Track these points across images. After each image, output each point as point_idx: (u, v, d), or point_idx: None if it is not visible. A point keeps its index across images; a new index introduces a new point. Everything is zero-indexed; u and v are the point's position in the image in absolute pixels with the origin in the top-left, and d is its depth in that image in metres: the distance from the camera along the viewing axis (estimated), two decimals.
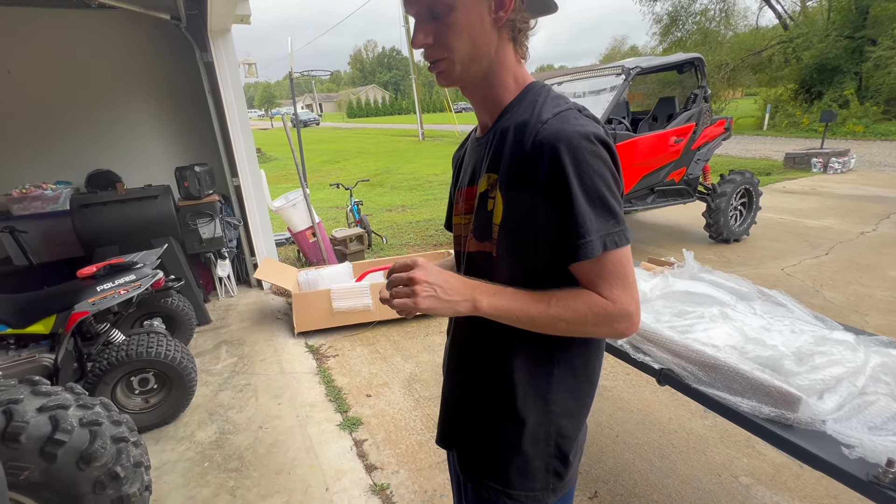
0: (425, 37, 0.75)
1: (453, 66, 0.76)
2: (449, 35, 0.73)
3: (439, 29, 0.73)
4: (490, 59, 0.76)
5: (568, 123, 0.69)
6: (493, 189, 0.77)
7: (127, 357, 2.36)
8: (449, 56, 0.75)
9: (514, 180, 0.73)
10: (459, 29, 0.72)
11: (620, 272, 0.69)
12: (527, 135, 0.71)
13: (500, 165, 0.76)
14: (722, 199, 4.73)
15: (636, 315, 0.71)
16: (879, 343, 1.33)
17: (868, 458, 0.99)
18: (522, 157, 0.71)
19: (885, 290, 3.65)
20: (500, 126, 0.79)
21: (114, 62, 4.28)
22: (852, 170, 8.56)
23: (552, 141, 0.67)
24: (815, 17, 16.47)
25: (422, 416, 2.48)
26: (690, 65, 4.81)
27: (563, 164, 0.66)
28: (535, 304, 0.71)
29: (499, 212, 0.75)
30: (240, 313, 3.99)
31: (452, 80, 0.78)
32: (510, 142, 0.74)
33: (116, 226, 3.50)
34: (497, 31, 0.74)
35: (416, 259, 0.71)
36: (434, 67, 0.78)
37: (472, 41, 0.73)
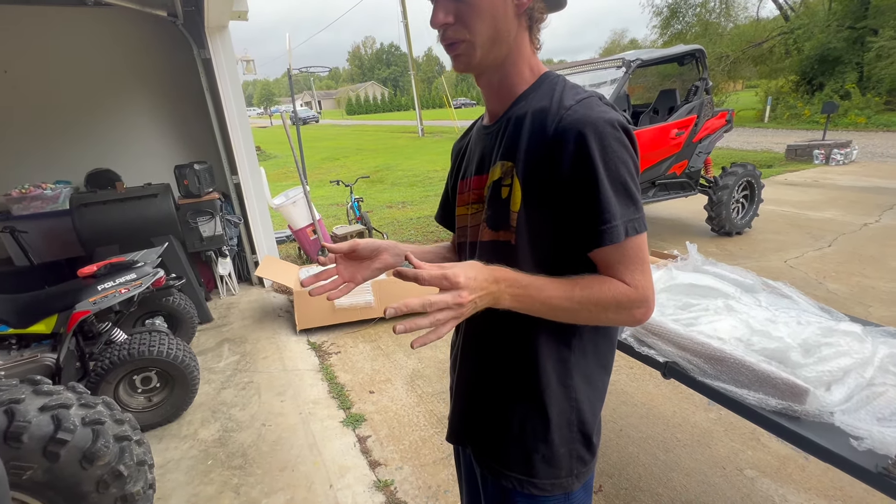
0: (446, 15, 0.72)
1: (474, 51, 0.74)
2: (472, 16, 0.71)
3: (462, 8, 0.71)
4: (509, 46, 0.75)
5: (592, 110, 0.68)
6: (507, 177, 0.75)
7: (129, 356, 2.35)
8: (470, 38, 0.72)
9: (534, 166, 0.72)
10: (483, 10, 0.70)
11: (640, 258, 0.69)
12: (549, 121, 0.70)
13: (516, 152, 0.74)
14: (724, 192, 4.71)
15: (652, 301, 0.71)
16: (887, 334, 1.31)
17: (877, 449, 0.98)
18: (544, 142, 0.70)
19: (888, 281, 3.64)
20: (515, 113, 0.77)
21: (111, 60, 4.26)
22: (854, 161, 8.51)
23: (578, 126, 0.67)
24: (817, 8, 16.33)
25: (425, 411, 2.48)
26: (691, 56, 4.78)
27: (590, 150, 0.66)
28: (559, 293, 0.69)
29: (517, 199, 0.73)
30: (241, 311, 3.98)
31: (471, 66, 0.76)
32: (528, 128, 0.73)
33: (116, 225, 3.49)
34: (517, 17, 0.73)
35: (458, 273, 0.61)
36: (452, 50, 0.75)
37: (494, 25, 0.72)
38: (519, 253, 0.75)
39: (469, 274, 0.63)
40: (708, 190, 4.89)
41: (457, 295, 0.61)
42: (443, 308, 0.60)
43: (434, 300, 0.60)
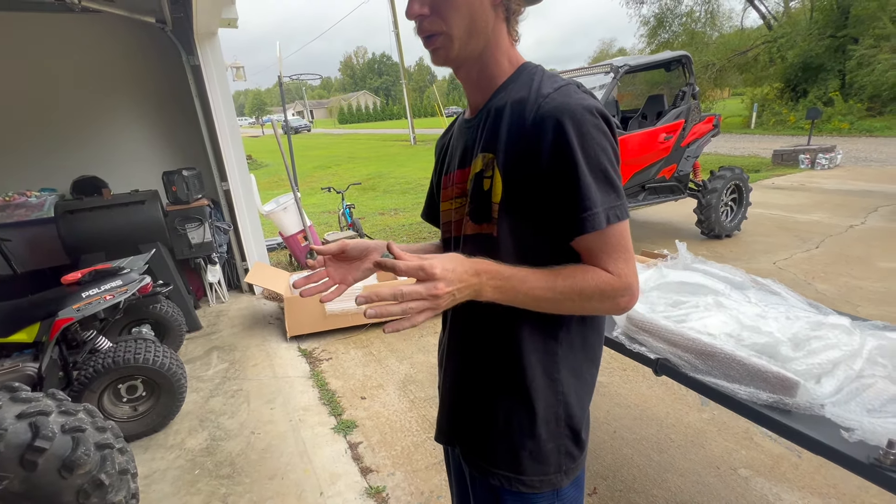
0: (421, 6, 0.72)
1: (451, 43, 0.73)
2: (448, 7, 0.70)
3: (437, 1, 0.71)
4: (486, 38, 0.74)
5: (570, 97, 0.68)
6: (488, 168, 0.74)
7: (114, 364, 2.30)
8: (447, 31, 0.72)
9: (514, 156, 0.71)
10: (459, 2, 0.70)
11: (623, 245, 0.69)
12: (527, 110, 0.70)
13: (496, 143, 0.73)
14: (713, 196, 4.76)
15: (636, 288, 0.70)
16: (874, 327, 1.32)
17: (868, 440, 0.97)
18: (523, 131, 0.69)
19: (874, 281, 3.68)
20: (494, 104, 0.77)
21: (98, 66, 4.22)
22: (839, 165, 8.68)
23: (556, 114, 0.66)
24: (798, 17, 16.76)
25: (417, 417, 2.44)
26: (678, 62, 4.85)
27: (568, 137, 0.65)
28: (541, 285, 0.68)
29: (498, 190, 0.73)
30: (231, 319, 3.93)
31: (449, 59, 0.76)
32: (507, 118, 0.73)
33: (103, 232, 3.44)
34: (494, 9, 0.73)
35: (434, 265, 0.60)
36: (430, 43, 0.74)
37: (470, 17, 0.71)
38: (501, 244, 0.74)
39: (447, 266, 0.62)
40: (697, 193, 4.95)
41: (432, 286, 0.60)
42: (416, 298, 0.59)
43: (406, 290, 0.59)
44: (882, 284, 3.60)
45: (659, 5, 18.68)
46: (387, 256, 0.64)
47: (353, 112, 67.01)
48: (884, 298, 3.38)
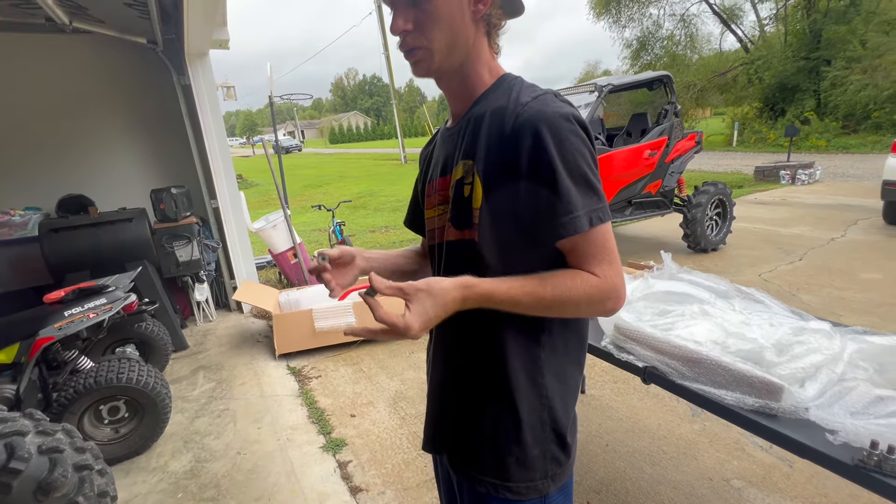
0: (405, 22, 0.74)
1: (432, 56, 0.75)
2: (429, 23, 0.73)
3: (419, 16, 0.73)
4: (467, 51, 0.77)
5: (547, 106, 0.70)
6: (468, 175, 0.76)
7: (95, 384, 2.24)
8: (428, 45, 0.74)
9: (494, 163, 0.73)
10: (440, 18, 0.72)
11: (607, 247, 0.70)
12: (506, 118, 0.72)
13: (476, 151, 0.75)
14: (697, 210, 4.85)
15: (622, 290, 0.71)
16: (854, 331, 1.35)
17: (852, 442, 0.99)
18: (502, 139, 0.71)
19: (857, 291, 3.76)
20: (474, 113, 0.79)
21: (87, 85, 4.23)
22: (818, 181, 8.93)
23: (534, 122, 0.68)
24: (773, 41, 17.47)
25: (408, 433, 2.41)
26: (660, 82, 5.01)
27: (546, 144, 0.67)
28: (530, 299, 0.69)
29: (478, 196, 0.74)
30: (218, 337, 3.86)
31: (430, 71, 0.78)
32: (487, 126, 0.75)
33: (88, 250, 3.39)
34: (475, 23, 0.76)
35: (409, 323, 0.65)
36: (411, 56, 0.77)
37: (451, 31, 0.74)
38: (483, 250, 0.75)
39: (423, 316, 0.66)
40: (682, 208, 5.04)
41: (407, 335, 0.65)
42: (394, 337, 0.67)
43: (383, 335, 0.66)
44: (864, 295, 3.68)
45: (641, 29, 19.38)
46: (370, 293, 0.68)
47: (343, 132, 67.57)
48: (866, 308, 3.44)
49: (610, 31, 20.04)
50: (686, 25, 18.72)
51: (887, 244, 4.89)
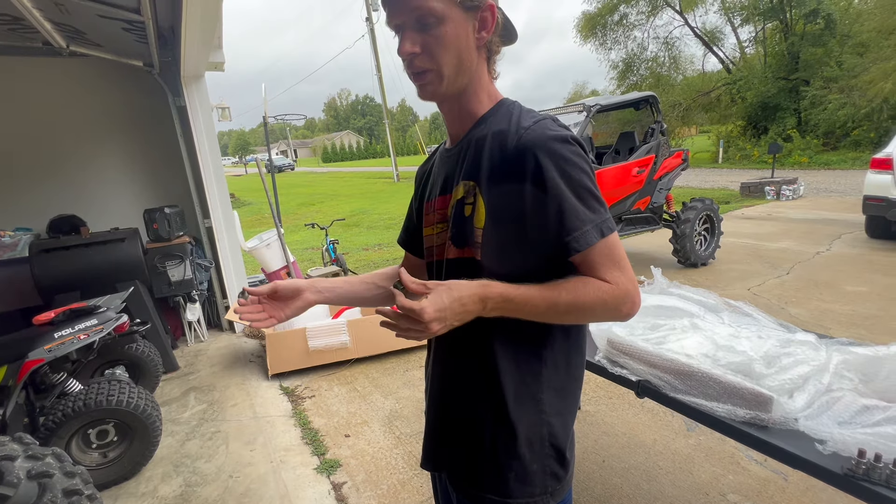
0: (412, 45, 0.75)
1: (440, 80, 0.77)
2: (438, 47, 0.75)
3: (427, 40, 0.75)
4: (470, 75, 0.80)
5: (548, 129, 0.74)
6: (469, 195, 0.79)
7: (84, 407, 2.20)
8: (437, 69, 0.76)
9: (496, 184, 0.75)
10: (448, 43, 0.75)
11: (617, 255, 0.73)
12: (508, 141, 0.75)
13: (478, 172, 0.78)
14: (686, 225, 4.95)
15: (636, 295, 0.73)
16: (838, 343, 1.38)
17: (841, 451, 1.01)
18: (505, 161, 0.75)
19: (843, 304, 3.83)
20: (475, 135, 0.82)
21: (81, 105, 4.25)
22: (802, 196, 9.14)
23: (535, 145, 0.72)
24: (754, 62, 18.10)
25: (403, 453, 2.38)
26: (646, 102, 5.16)
27: (549, 165, 0.71)
28: (545, 304, 0.71)
29: (480, 216, 0.77)
30: (210, 358, 3.81)
31: (436, 94, 0.80)
32: (489, 148, 0.78)
33: (79, 271, 3.36)
34: (477, 50, 0.79)
35: (424, 307, 0.65)
36: (420, 79, 0.78)
37: (458, 56, 0.76)
38: (484, 268, 0.77)
39: (439, 306, 0.66)
40: (671, 224, 5.14)
41: (423, 328, 0.66)
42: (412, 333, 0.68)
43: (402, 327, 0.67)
44: (850, 307, 3.75)
45: (626, 51, 19.98)
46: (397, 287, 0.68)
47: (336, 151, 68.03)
48: (852, 321, 3.50)
49: (596, 53, 20.64)
50: (669, 48, 19.36)
51: (871, 257, 5.01)
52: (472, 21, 0.76)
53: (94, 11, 2.74)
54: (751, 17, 17.35)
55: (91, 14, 2.80)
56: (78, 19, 2.93)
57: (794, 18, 15.96)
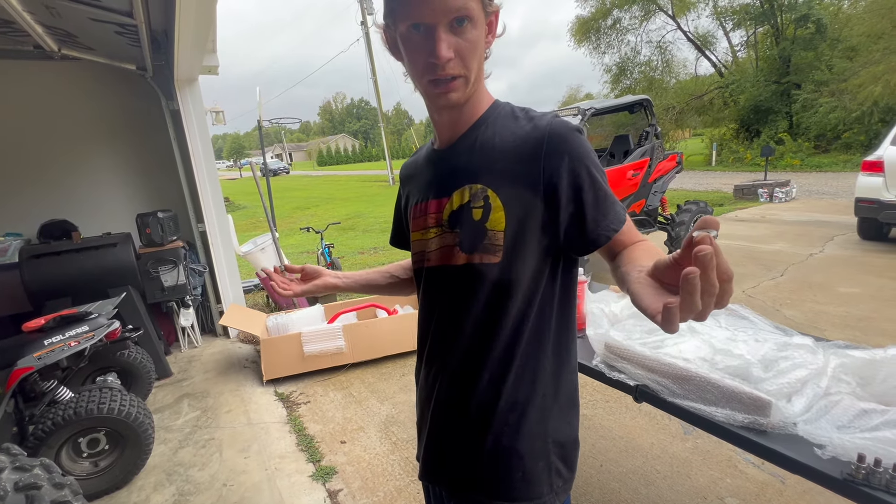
0: (448, 49, 0.70)
1: (467, 86, 0.75)
2: (469, 52, 0.72)
3: (460, 44, 0.71)
4: (482, 80, 0.80)
5: (569, 125, 0.75)
6: (478, 199, 0.77)
7: (75, 415, 2.16)
8: (466, 74, 0.73)
9: (519, 185, 0.75)
10: (477, 47, 0.73)
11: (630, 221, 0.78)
12: (528, 140, 0.75)
13: (491, 174, 0.77)
14: (681, 228, 4.96)
15: None
16: (835, 346, 1.38)
17: (840, 456, 1.00)
18: (529, 160, 0.74)
19: (837, 306, 3.85)
20: (478, 137, 0.80)
21: (73, 109, 4.22)
22: (795, 198, 9.22)
23: (562, 138, 0.73)
24: (746, 66, 18.28)
25: (400, 459, 2.36)
26: (640, 105, 5.19)
27: (580, 155, 0.73)
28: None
29: (498, 219, 0.75)
30: (204, 364, 3.77)
31: (462, 100, 0.77)
32: (502, 149, 0.77)
33: (70, 277, 3.32)
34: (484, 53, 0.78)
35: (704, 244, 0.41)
36: (450, 85, 0.73)
37: (479, 61, 0.75)
38: (506, 269, 0.76)
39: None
40: (666, 227, 5.15)
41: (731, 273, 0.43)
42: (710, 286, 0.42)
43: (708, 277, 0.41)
44: (844, 309, 3.77)
45: (619, 55, 20.13)
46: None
47: (332, 154, 67.93)
48: (847, 322, 3.52)
49: (590, 56, 20.82)
50: (662, 52, 19.53)
51: (863, 259, 5.05)
52: (485, 25, 0.75)
53: (85, 15, 2.71)
54: (742, 21, 17.54)
55: (82, 17, 2.77)
56: (69, 23, 2.91)
57: (785, 23, 16.16)
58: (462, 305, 0.80)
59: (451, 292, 0.82)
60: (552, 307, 0.80)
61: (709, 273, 0.40)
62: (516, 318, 0.78)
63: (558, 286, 0.80)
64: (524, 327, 0.78)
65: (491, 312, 0.78)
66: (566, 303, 0.82)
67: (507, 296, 0.77)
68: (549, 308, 0.80)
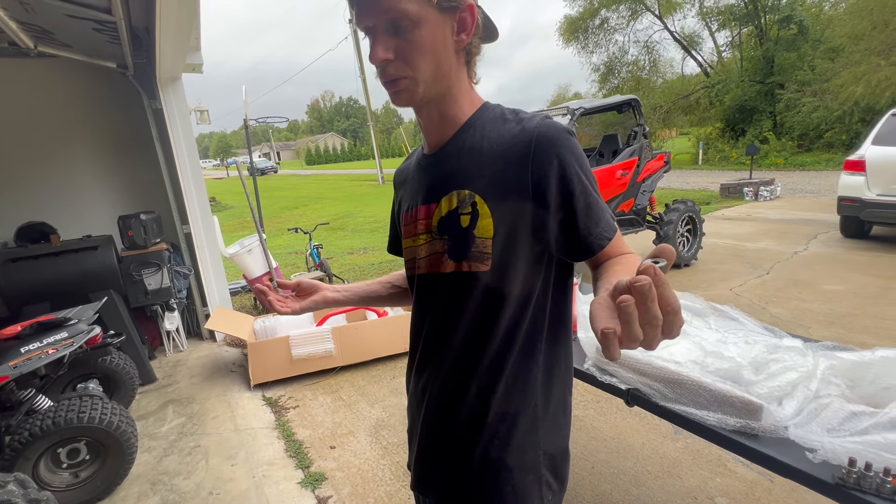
0: (385, 52, 0.70)
1: (416, 87, 0.73)
2: (414, 53, 0.70)
3: (402, 45, 0.69)
4: (450, 80, 0.75)
5: (559, 127, 0.72)
6: (465, 205, 0.74)
7: (54, 425, 2.09)
8: (413, 75, 0.71)
9: (507, 190, 0.72)
10: (424, 47, 0.70)
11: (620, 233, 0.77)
12: (516, 143, 0.72)
13: (479, 179, 0.74)
14: (669, 227, 5.00)
15: None
16: (824, 347, 1.39)
17: (831, 460, 1.00)
18: (518, 164, 0.71)
19: (822, 303, 3.91)
20: (466, 141, 0.77)
21: (51, 109, 4.10)
22: (779, 197, 9.37)
23: (553, 141, 0.70)
24: (731, 66, 18.54)
25: (390, 464, 2.33)
26: (628, 105, 5.21)
27: (572, 162, 0.71)
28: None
29: (486, 226, 0.73)
30: (189, 368, 3.70)
31: (413, 101, 0.75)
32: (490, 154, 0.74)
33: (49, 281, 3.22)
34: (456, 54, 0.74)
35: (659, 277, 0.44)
36: (394, 86, 0.73)
37: (436, 61, 0.71)
38: (496, 278, 0.74)
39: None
40: (655, 226, 5.19)
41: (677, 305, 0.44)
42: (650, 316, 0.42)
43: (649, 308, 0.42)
44: (828, 306, 3.83)
45: (607, 54, 20.28)
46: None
47: (320, 153, 67.38)
48: (831, 319, 3.58)
49: (578, 56, 20.96)
50: (650, 51, 19.72)
51: (846, 256, 5.14)
52: (450, 22, 0.71)
53: (61, 11, 2.63)
54: (727, 22, 17.78)
55: (59, 14, 2.68)
56: (45, 19, 2.81)
57: (769, 24, 16.43)
58: (452, 314, 0.78)
59: (441, 300, 0.80)
60: (545, 316, 0.78)
61: (647, 304, 0.40)
62: (507, 327, 0.76)
63: (552, 294, 0.78)
64: (516, 337, 0.76)
65: (481, 321, 0.76)
66: (560, 311, 0.80)
67: (498, 305, 0.75)
68: (542, 317, 0.78)
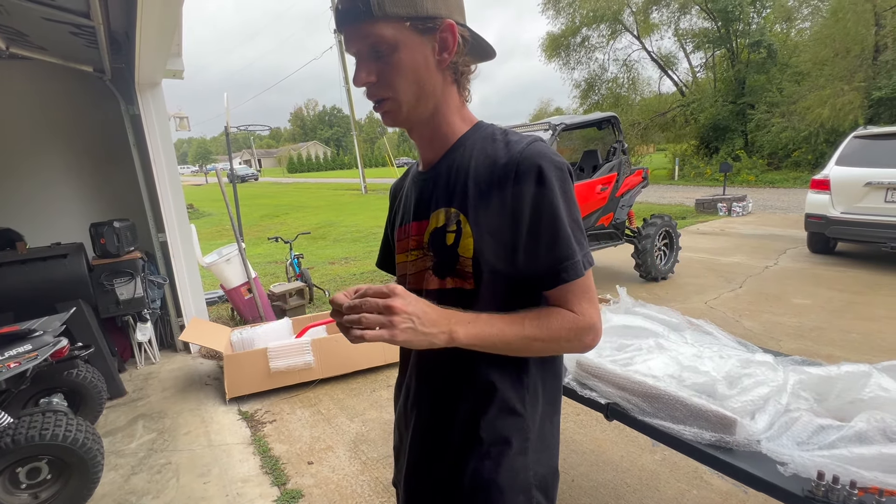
0: (368, 75, 0.73)
1: (399, 107, 0.75)
2: (393, 75, 0.72)
3: (383, 68, 0.72)
4: (436, 100, 0.76)
5: (545, 154, 0.72)
6: (452, 223, 0.75)
7: (13, 443, 1.99)
8: (394, 96, 0.74)
9: (489, 211, 0.73)
10: (404, 69, 0.72)
11: (590, 287, 0.73)
12: (501, 167, 0.72)
13: (465, 199, 0.75)
14: (647, 241, 5.12)
15: (599, 327, 0.73)
16: (794, 362, 1.44)
17: (801, 473, 1.03)
18: (500, 186, 0.72)
19: (791, 316, 4.05)
20: (455, 160, 0.78)
21: (24, 112, 3.97)
22: (751, 213, 9.72)
23: (535, 169, 0.70)
24: (705, 86, 19.30)
25: (370, 479, 2.29)
26: (608, 122, 5.36)
27: (551, 191, 0.70)
28: (511, 328, 0.70)
29: (468, 245, 0.73)
30: (162, 381, 3.57)
31: (399, 121, 0.77)
32: (475, 175, 0.75)
33: (14, 290, 3.09)
34: (441, 72, 0.75)
35: (394, 286, 0.64)
36: (379, 108, 0.76)
37: (417, 81, 0.73)
38: (479, 297, 0.74)
39: (410, 300, 0.64)
40: (633, 239, 5.31)
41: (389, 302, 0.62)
42: (370, 310, 0.63)
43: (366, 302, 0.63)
44: (797, 320, 3.97)
45: (588, 71, 20.85)
46: None
47: (303, 161, 66.81)
48: (800, 333, 3.71)
49: (560, 72, 21.48)
50: (628, 70, 20.38)
51: (813, 271, 5.35)
52: (430, 43, 0.72)
53: (38, 14, 2.56)
54: (701, 44, 18.54)
55: (35, 17, 2.62)
56: (20, 21, 2.74)
57: (740, 47, 17.19)
58: None
59: None
60: None
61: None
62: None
63: None
64: (504, 357, 0.75)
65: None
66: None
67: None
68: None
